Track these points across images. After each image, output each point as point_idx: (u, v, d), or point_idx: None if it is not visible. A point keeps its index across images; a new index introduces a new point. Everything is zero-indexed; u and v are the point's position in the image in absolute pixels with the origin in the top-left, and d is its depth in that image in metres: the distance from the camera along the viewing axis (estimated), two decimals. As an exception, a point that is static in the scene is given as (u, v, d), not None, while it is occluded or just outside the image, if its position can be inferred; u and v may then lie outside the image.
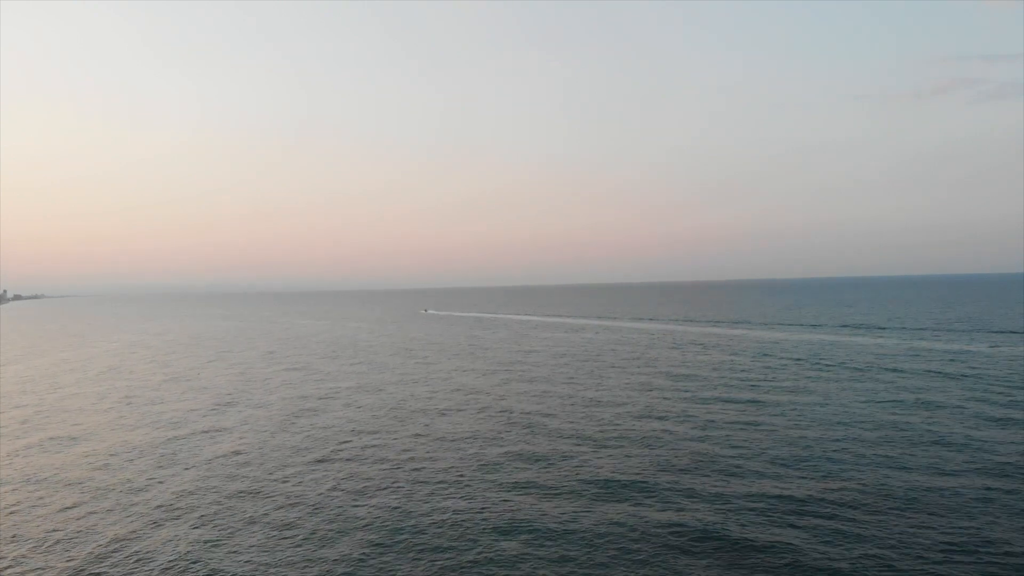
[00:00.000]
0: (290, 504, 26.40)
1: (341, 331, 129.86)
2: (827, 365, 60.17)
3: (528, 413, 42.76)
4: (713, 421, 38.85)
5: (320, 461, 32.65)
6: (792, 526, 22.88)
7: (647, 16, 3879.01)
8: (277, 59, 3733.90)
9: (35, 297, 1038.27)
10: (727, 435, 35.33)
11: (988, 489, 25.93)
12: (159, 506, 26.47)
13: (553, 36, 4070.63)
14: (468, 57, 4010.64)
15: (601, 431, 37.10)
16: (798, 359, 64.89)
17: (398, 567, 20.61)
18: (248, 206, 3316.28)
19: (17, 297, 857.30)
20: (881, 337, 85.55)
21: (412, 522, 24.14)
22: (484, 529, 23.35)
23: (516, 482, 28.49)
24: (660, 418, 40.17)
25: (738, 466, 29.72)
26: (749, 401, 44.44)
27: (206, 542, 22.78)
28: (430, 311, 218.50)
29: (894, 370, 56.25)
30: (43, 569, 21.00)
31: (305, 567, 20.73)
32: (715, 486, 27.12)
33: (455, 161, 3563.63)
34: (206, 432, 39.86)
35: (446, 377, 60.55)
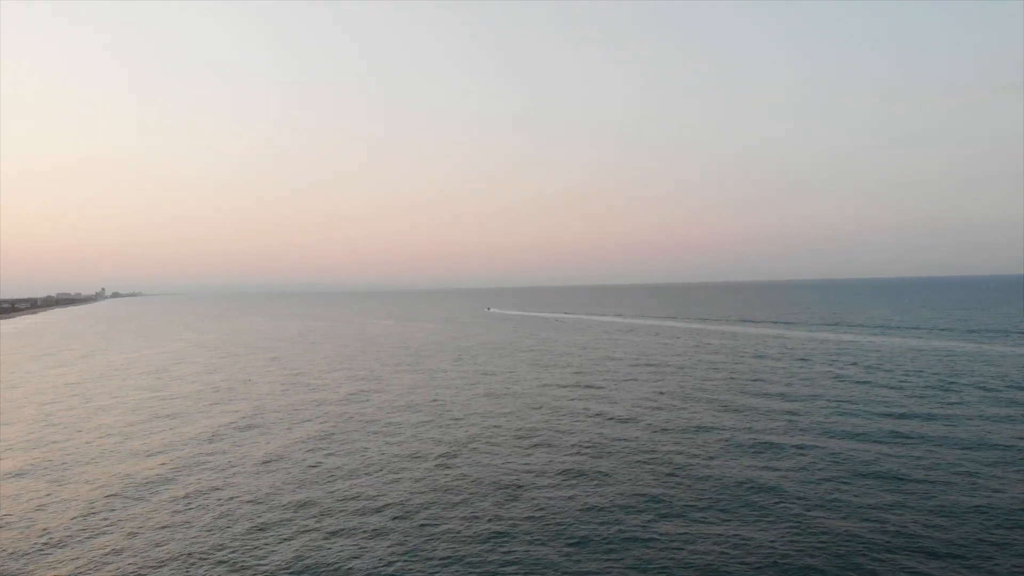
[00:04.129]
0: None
1: (410, 331, 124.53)
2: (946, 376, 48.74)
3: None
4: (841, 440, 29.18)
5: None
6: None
7: (726, 11, 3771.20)
8: (355, 58, 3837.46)
9: (133, 295, 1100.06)
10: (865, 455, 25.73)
11: None
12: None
13: (627, 32, 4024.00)
14: (540, 55, 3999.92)
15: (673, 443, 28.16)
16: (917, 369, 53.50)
17: None
18: (330, 207, 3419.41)
19: (115, 295, 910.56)
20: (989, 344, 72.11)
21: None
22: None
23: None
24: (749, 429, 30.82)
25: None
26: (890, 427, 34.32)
27: None
28: (493, 310, 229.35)
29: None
30: None
31: None
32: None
33: (529, 159, 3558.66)
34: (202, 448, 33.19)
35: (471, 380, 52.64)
